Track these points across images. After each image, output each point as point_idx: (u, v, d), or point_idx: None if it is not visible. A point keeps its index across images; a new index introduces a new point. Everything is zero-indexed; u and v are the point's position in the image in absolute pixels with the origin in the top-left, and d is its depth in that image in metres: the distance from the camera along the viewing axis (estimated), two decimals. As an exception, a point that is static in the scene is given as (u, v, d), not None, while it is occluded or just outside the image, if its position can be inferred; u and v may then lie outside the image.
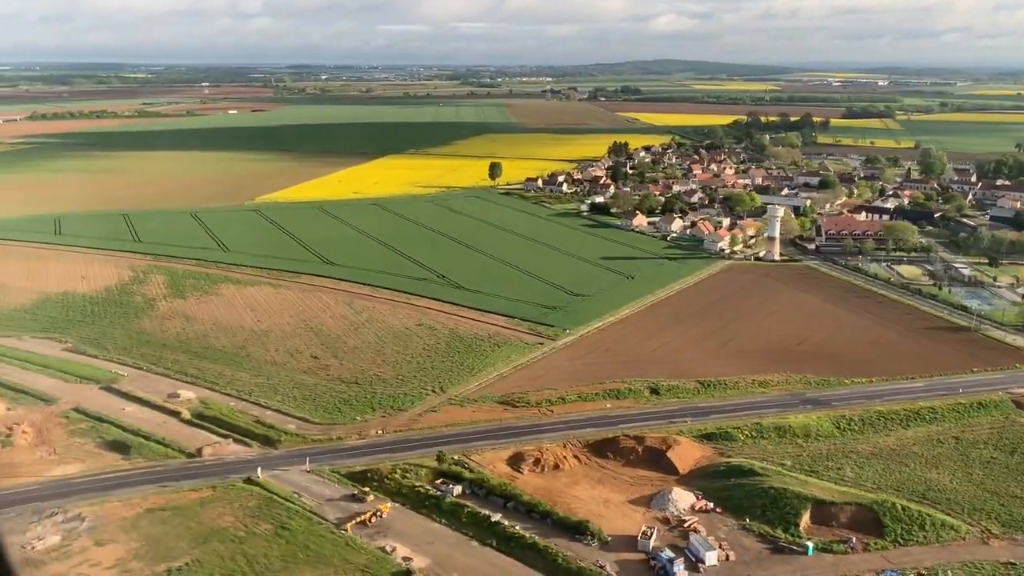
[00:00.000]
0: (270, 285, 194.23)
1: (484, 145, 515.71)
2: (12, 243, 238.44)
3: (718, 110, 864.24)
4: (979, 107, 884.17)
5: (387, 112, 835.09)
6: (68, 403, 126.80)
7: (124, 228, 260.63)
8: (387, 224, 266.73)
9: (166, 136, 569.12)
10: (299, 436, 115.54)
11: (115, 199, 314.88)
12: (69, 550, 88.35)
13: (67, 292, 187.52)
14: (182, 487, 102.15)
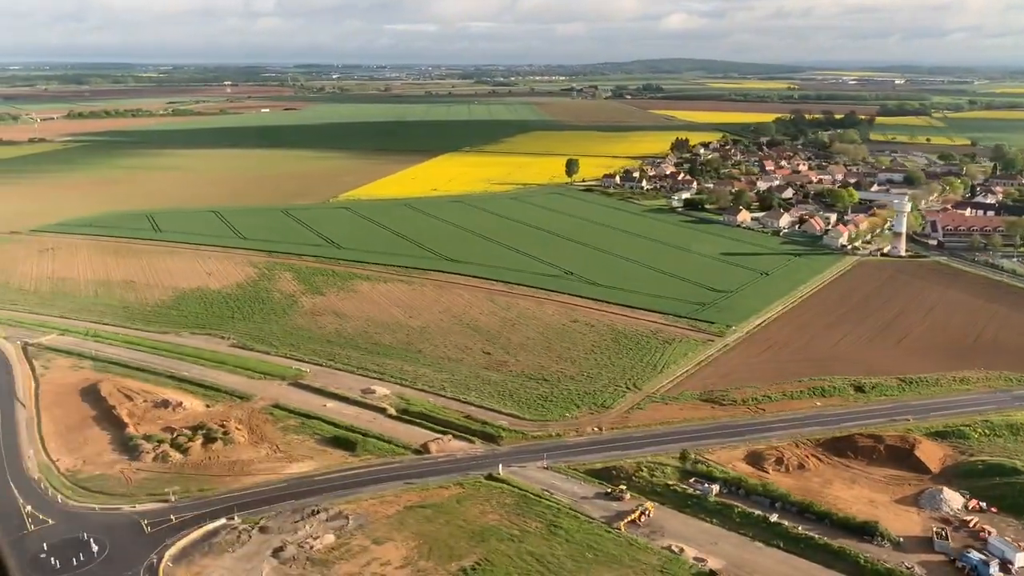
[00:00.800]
0: (402, 282, 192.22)
1: (536, 143, 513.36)
2: (119, 240, 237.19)
3: (753, 108, 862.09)
4: (1008, 104, 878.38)
5: (419, 111, 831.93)
6: (265, 399, 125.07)
7: (221, 225, 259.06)
8: (484, 221, 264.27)
9: (215, 134, 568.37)
10: (518, 433, 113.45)
11: (198, 196, 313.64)
12: (349, 549, 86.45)
13: (200, 288, 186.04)
14: (428, 484, 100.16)
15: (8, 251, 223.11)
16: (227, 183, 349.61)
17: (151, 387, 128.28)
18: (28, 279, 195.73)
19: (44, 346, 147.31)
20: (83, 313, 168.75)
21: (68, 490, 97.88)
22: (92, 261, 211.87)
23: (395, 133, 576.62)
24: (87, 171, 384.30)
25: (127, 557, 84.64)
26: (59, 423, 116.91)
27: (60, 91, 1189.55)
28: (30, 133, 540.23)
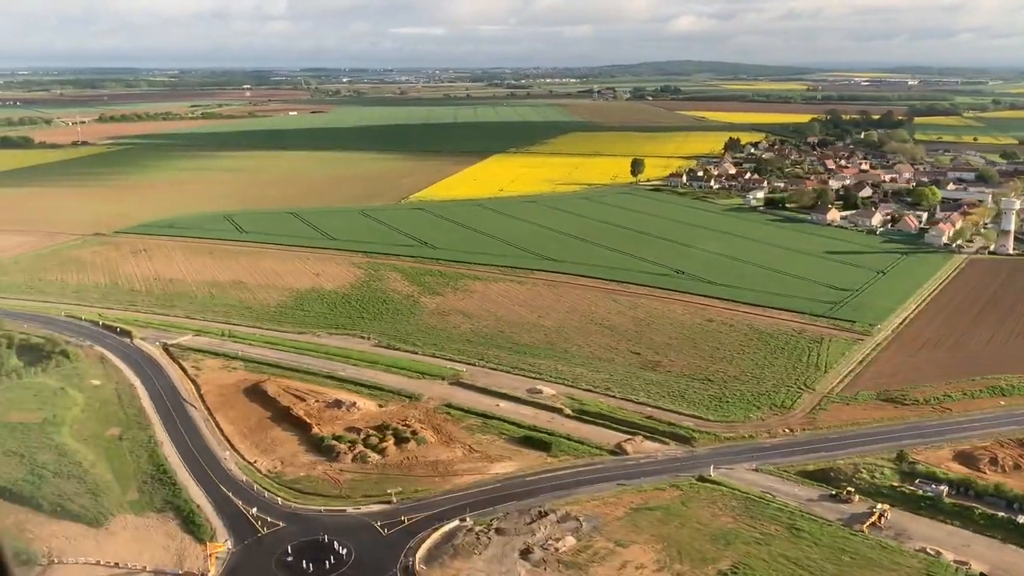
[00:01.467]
0: (514, 282, 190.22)
1: (580, 143, 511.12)
2: (207, 241, 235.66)
3: (779, 108, 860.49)
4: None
5: (446, 113, 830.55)
6: (434, 399, 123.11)
7: (303, 226, 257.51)
8: (567, 221, 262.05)
9: (259, 136, 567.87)
10: (710, 434, 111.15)
11: (266, 197, 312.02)
12: (595, 551, 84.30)
13: (314, 289, 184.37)
14: (642, 486, 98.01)
15: (102, 253, 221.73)
16: (290, 184, 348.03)
17: (316, 387, 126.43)
18: (135, 280, 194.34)
19: (184, 347, 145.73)
20: (207, 313, 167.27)
21: (282, 492, 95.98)
22: (191, 262, 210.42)
23: (435, 135, 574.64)
24: (146, 173, 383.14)
25: (376, 560, 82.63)
26: (238, 424, 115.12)
27: (77, 95, 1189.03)
28: (72, 136, 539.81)
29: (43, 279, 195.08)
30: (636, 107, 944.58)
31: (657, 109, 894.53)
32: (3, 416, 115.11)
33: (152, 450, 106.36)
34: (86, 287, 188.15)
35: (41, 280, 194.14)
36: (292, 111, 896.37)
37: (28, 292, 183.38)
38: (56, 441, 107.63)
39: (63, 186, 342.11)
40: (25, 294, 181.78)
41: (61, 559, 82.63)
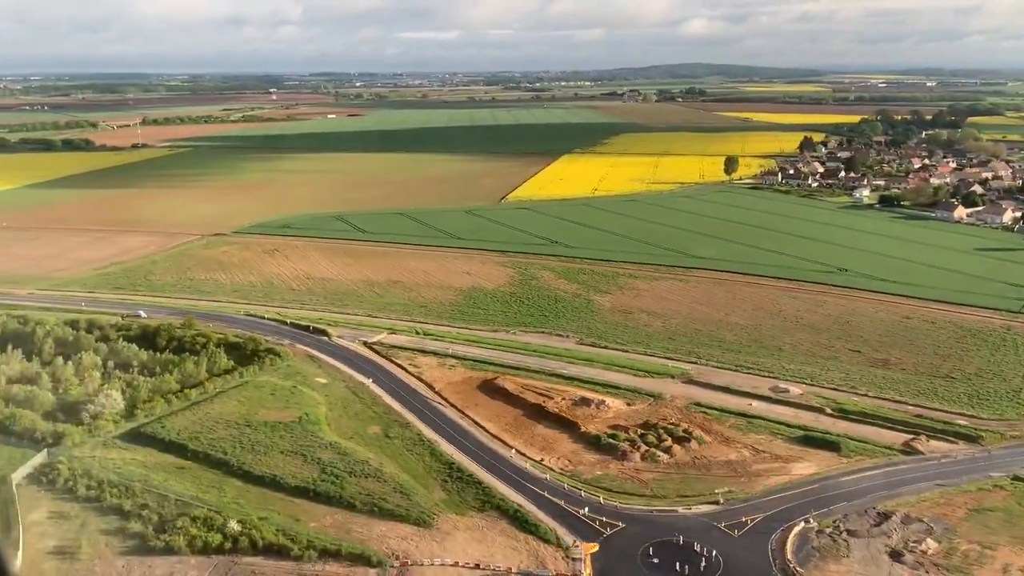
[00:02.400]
0: (675, 280, 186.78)
1: (641, 143, 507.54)
2: (334, 241, 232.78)
3: (816, 109, 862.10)
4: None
5: (484, 115, 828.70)
6: (678, 398, 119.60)
7: (418, 225, 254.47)
8: (687, 219, 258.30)
9: (311, 139, 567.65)
10: (995, 433, 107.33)
11: (363, 199, 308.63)
12: (963, 554, 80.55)
13: (476, 288, 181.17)
14: (962, 486, 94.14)
15: (234, 253, 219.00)
16: (375, 186, 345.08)
17: (554, 385, 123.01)
18: (288, 279, 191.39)
19: (387, 344, 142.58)
20: (386, 312, 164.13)
21: (596, 491, 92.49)
22: (334, 262, 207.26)
23: (488, 137, 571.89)
24: (230, 175, 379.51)
25: (745, 562, 79.05)
26: (496, 421, 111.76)
27: (98, 100, 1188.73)
28: (131, 139, 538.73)
29: (193, 278, 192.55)
30: (670, 108, 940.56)
31: (693, 110, 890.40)
32: (253, 415, 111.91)
33: (431, 448, 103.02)
34: (242, 286, 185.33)
35: (192, 279, 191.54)
36: (330, 114, 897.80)
37: (189, 292, 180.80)
38: (326, 439, 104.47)
39: (156, 187, 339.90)
40: (187, 293, 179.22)
41: (414, 560, 79.27)
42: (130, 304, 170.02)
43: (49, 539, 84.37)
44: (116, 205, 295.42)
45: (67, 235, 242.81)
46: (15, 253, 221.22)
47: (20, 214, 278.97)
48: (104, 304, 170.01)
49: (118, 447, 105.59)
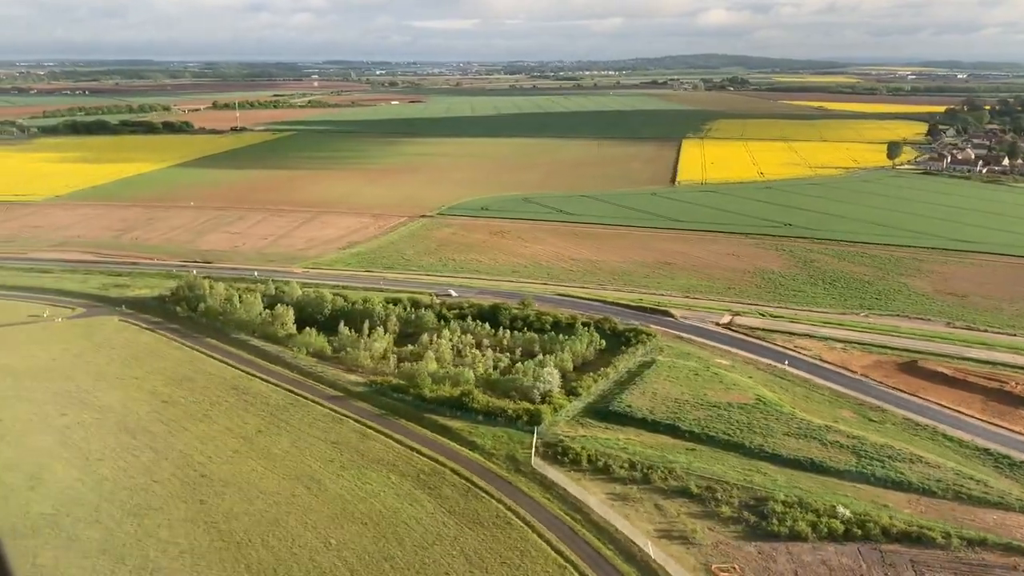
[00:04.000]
0: (958, 264, 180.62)
1: (749, 130, 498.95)
2: (547, 223, 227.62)
3: (875, 99, 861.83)
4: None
5: (550, 102, 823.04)
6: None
7: (617, 208, 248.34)
8: (899, 204, 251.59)
9: (401, 125, 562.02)
10: None
11: (530, 182, 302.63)
12: None
13: (761, 269, 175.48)
14: None
15: (465, 234, 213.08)
16: (528, 169, 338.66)
17: (990, 369, 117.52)
18: (550, 260, 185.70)
19: (745, 326, 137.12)
20: (691, 292, 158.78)
21: None
22: (579, 243, 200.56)
23: (584, 123, 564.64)
24: (366, 159, 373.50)
25: None
26: (966, 405, 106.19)
27: (132, 85, 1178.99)
28: (229, 122, 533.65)
29: (451, 258, 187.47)
30: (730, 97, 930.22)
31: (755, 99, 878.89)
32: (700, 395, 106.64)
33: (941, 433, 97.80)
34: (512, 266, 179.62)
35: (450, 260, 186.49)
36: (395, 100, 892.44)
37: (459, 271, 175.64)
38: (817, 422, 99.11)
39: (308, 170, 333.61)
40: (463, 273, 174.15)
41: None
42: (407, 283, 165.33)
43: (647, 523, 79.62)
44: (288, 186, 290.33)
45: (271, 215, 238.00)
46: (237, 232, 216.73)
47: (195, 193, 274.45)
48: (390, 283, 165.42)
49: (592, 425, 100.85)
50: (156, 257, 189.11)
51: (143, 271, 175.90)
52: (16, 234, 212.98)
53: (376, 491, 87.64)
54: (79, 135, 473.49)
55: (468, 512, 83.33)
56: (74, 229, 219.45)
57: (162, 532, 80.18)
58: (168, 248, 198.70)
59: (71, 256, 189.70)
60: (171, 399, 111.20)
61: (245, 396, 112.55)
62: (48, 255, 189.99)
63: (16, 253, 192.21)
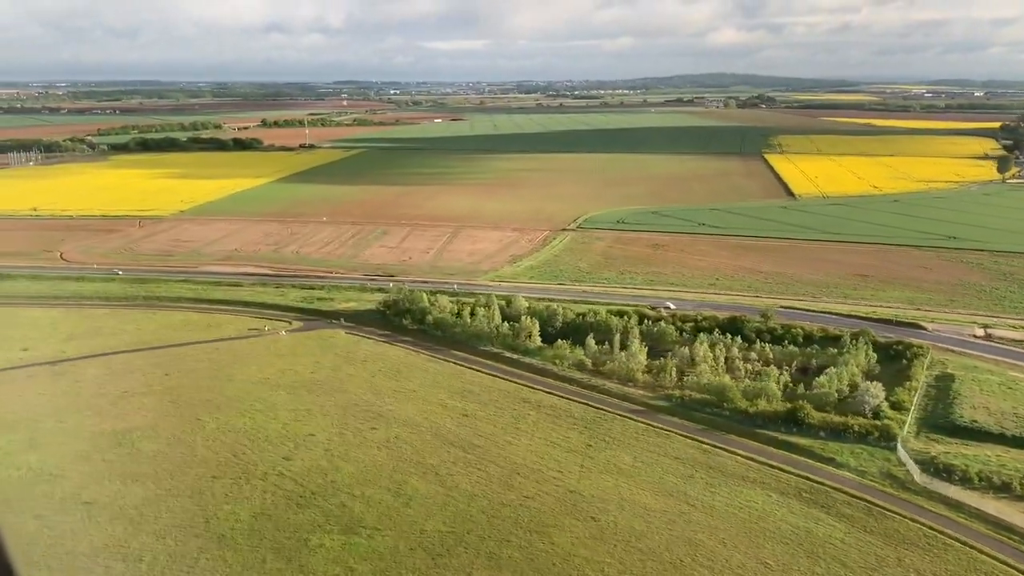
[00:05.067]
0: None
1: (821, 144, 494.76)
2: (692, 235, 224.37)
3: (911, 116, 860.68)
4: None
5: (594, 119, 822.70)
6: None
7: (754, 220, 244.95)
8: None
9: (469, 141, 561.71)
10: None
11: (641, 195, 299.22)
12: None
13: (964, 282, 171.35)
14: None
15: (623, 248, 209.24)
16: (633, 183, 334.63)
17: None
18: (740, 272, 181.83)
19: (1007, 339, 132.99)
20: (926, 306, 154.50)
21: None
22: (760, 256, 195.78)
23: (651, 139, 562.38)
24: (462, 174, 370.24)
25: None
26: None
27: (156, 105, 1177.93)
28: (299, 139, 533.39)
29: (631, 271, 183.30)
30: (768, 115, 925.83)
31: (800, 118, 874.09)
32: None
33: None
34: (705, 279, 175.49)
35: (632, 272, 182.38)
36: (437, 119, 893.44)
37: (655, 284, 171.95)
38: None
39: (414, 185, 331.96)
40: (657, 286, 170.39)
41: None
42: (606, 295, 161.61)
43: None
44: (406, 201, 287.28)
45: (414, 230, 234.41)
46: (392, 247, 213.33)
47: (312, 208, 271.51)
48: (592, 296, 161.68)
49: (944, 440, 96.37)
50: (334, 271, 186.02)
51: (336, 284, 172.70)
52: (171, 248, 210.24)
53: (766, 509, 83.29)
54: (151, 152, 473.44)
55: (888, 532, 78.90)
56: (224, 243, 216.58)
57: (582, 551, 75.99)
58: (335, 262, 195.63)
59: (245, 269, 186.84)
60: (468, 412, 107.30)
61: (543, 409, 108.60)
62: (222, 268, 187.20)
63: (188, 266, 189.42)
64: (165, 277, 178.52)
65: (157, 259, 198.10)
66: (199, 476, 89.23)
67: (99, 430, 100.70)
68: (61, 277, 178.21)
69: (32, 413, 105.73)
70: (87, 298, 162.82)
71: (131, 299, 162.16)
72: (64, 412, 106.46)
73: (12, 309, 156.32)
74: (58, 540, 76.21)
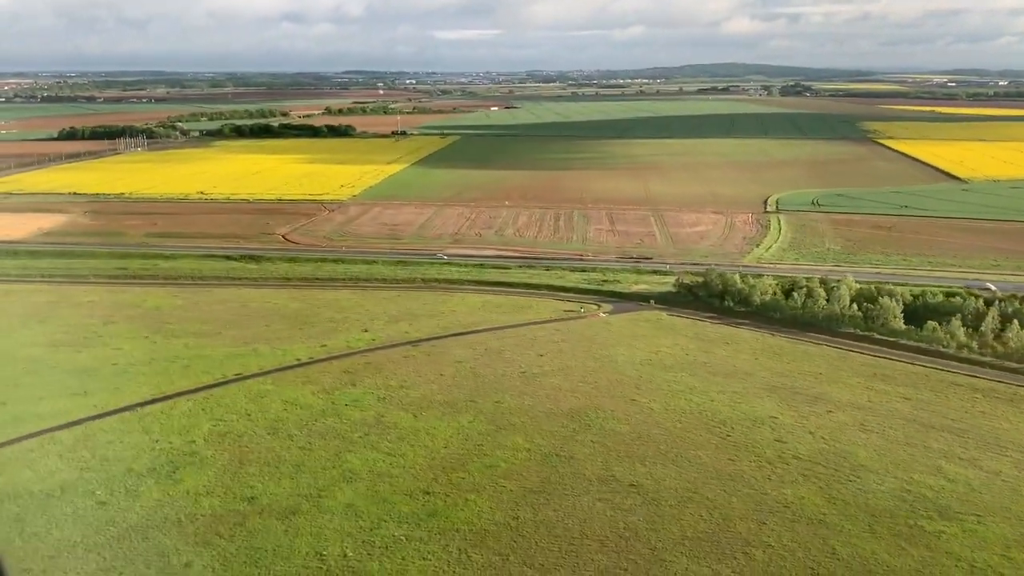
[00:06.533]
0: None
1: (927, 131, 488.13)
2: (916, 218, 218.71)
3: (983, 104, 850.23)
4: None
5: (651, 107, 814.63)
6: None
7: (962, 205, 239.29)
8: None
9: (578, 128, 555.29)
10: None
11: (799, 179, 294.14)
12: None
13: None
14: None
15: (846, 230, 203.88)
16: (780, 167, 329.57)
17: None
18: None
19: None
20: None
21: None
22: (989, 237, 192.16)
23: (740, 126, 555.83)
24: (611, 160, 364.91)
25: None
26: None
27: (182, 95, 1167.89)
28: (390, 126, 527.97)
29: (883, 252, 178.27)
30: (820, 102, 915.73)
31: (850, 104, 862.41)
32: None
33: None
34: (980, 260, 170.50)
35: (884, 253, 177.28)
36: (493, 107, 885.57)
37: (933, 266, 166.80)
38: None
39: (575, 170, 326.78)
40: (937, 268, 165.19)
41: None
42: (890, 277, 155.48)
43: None
44: (572, 185, 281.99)
45: (613, 212, 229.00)
46: (610, 228, 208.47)
47: (469, 193, 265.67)
48: (885, 277, 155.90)
49: None
50: (583, 253, 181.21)
51: (605, 267, 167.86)
52: (388, 232, 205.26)
53: None
54: (248, 138, 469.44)
55: None
56: (433, 227, 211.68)
57: None
58: (567, 245, 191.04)
59: (486, 252, 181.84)
60: (909, 396, 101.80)
61: (989, 394, 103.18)
62: (463, 251, 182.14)
63: (426, 249, 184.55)
64: (415, 259, 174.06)
65: (384, 242, 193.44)
66: (726, 460, 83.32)
67: (554, 409, 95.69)
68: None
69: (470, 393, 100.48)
70: (364, 280, 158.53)
71: (411, 281, 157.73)
72: (482, 392, 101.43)
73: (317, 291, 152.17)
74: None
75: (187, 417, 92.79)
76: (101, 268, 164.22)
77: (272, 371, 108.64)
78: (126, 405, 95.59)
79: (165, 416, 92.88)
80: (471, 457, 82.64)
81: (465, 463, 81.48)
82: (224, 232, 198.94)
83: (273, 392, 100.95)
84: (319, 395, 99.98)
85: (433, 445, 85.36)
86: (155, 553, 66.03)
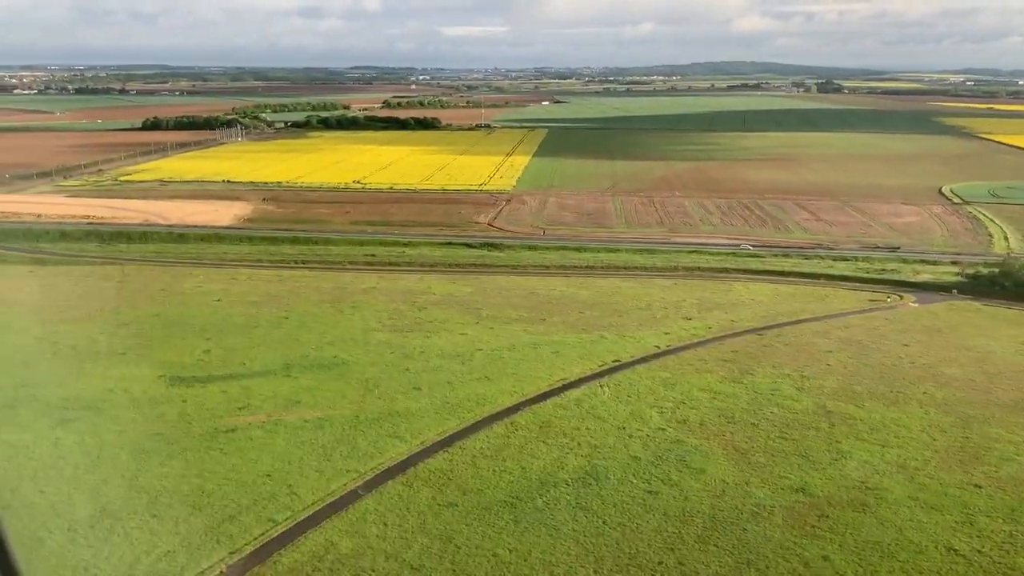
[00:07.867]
0: None
1: (991, 126, 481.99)
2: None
3: None
4: None
5: (701, 103, 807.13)
6: None
7: None
8: None
9: (673, 121, 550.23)
10: None
11: (934, 173, 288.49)
12: None
13: None
14: None
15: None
16: (921, 160, 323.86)
17: None
18: None
19: None
20: None
21: None
22: None
23: (820, 120, 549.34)
24: (737, 151, 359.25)
25: None
26: None
27: (205, 88, 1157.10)
28: (473, 119, 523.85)
29: None
30: (863, 99, 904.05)
31: (896, 102, 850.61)
32: None
33: None
34: None
35: None
36: (545, 102, 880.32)
37: None
38: None
39: (719, 161, 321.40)
40: None
41: None
42: None
43: None
44: (719, 175, 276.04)
45: (799, 204, 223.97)
46: (820, 220, 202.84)
47: (625, 184, 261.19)
48: None
49: None
50: (834, 243, 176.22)
51: (865, 256, 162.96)
52: (594, 220, 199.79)
53: None
54: (337, 130, 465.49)
55: None
56: (625, 216, 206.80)
57: None
58: (785, 234, 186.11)
59: (715, 240, 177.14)
60: None
61: None
62: (698, 240, 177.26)
63: (657, 239, 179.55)
64: (652, 248, 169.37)
65: (594, 230, 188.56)
66: None
67: (1002, 399, 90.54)
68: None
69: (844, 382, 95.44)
70: (623, 268, 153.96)
71: (672, 270, 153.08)
72: (895, 383, 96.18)
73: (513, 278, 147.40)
74: None
75: (621, 404, 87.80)
76: (343, 255, 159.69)
77: (642, 359, 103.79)
78: (547, 390, 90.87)
79: (599, 403, 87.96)
80: (980, 452, 77.40)
81: (979, 457, 76.38)
82: (427, 220, 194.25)
83: (675, 380, 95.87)
84: (727, 383, 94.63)
85: (925, 438, 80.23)
86: (774, 547, 61.26)
